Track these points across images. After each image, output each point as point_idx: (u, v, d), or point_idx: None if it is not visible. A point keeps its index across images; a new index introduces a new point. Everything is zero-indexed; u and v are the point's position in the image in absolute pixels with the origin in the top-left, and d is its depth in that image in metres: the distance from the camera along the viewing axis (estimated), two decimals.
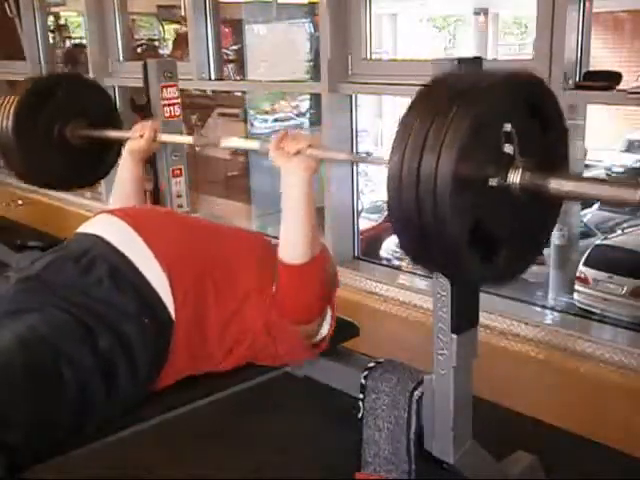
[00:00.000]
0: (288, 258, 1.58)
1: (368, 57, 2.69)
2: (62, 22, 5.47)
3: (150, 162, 2.27)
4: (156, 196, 2.34)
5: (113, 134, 2.23)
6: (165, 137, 2.09)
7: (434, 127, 1.07)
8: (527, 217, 1.23)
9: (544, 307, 2.50)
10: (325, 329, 1.70)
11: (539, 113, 1.22)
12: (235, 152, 6.88)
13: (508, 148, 1.14)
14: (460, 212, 1.08)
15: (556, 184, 1.15)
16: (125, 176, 2.01)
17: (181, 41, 5.06)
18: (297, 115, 6.91)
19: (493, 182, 1.13)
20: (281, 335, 1.61)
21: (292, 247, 1.58)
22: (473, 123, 1.06)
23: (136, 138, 2.00)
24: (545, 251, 5.82)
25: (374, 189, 8.14)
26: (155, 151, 2.17)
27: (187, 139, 2.30)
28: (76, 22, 5.43)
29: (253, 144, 1.95)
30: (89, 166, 2.34)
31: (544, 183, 1.14)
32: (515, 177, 1.14)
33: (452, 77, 1.21)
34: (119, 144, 2.25)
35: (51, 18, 5.12)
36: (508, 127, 1.13)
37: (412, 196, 1.08)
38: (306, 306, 1.63)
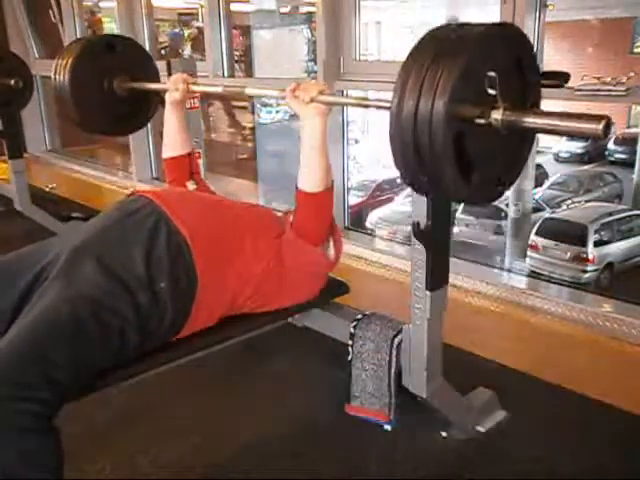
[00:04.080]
0: (307, 188, 1.55)
1: (357, 58, 2.65)
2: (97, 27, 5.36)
3: None
4: None
5: (151, 86, 2.20)
6: (196, 87, 1.99)
7: (429, 74, 1.06)
8: (507, 148, 1.24)
9: (502, 269, 2.50)
10: (332, 252, 1.67)
11: (518, 60, 1.20)
12: (245, 138, 6.82)
13: (492, 91, 1.12)
14: (450, 143, 1.08)
15: (530, 120, 1.14)
16: (171, 126, 1.97)
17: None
18: None
19: (480, 120, 1.13)
20: (299, 254, 1.60)
21: (311, 178, 1.55)
22: (461, 70, 1.06)
23: (173, 91, 1.94)
24: (503, 223, 5.84)
25: (360, 171, 8.10)
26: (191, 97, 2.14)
27: (216, 89, 2.13)
28: (109, 27, 5.32)
29: (272, 92, 1.85)
30: (133, 115, 2.31)
31: (520, 119, 1.14)
32: (497, 114, 1.13)
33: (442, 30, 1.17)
34: (157, 96, 2.23)
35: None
36: (492, 74, 1.11)
37: (410, 130, 1.08)
38: (319, 228, 1.61)
